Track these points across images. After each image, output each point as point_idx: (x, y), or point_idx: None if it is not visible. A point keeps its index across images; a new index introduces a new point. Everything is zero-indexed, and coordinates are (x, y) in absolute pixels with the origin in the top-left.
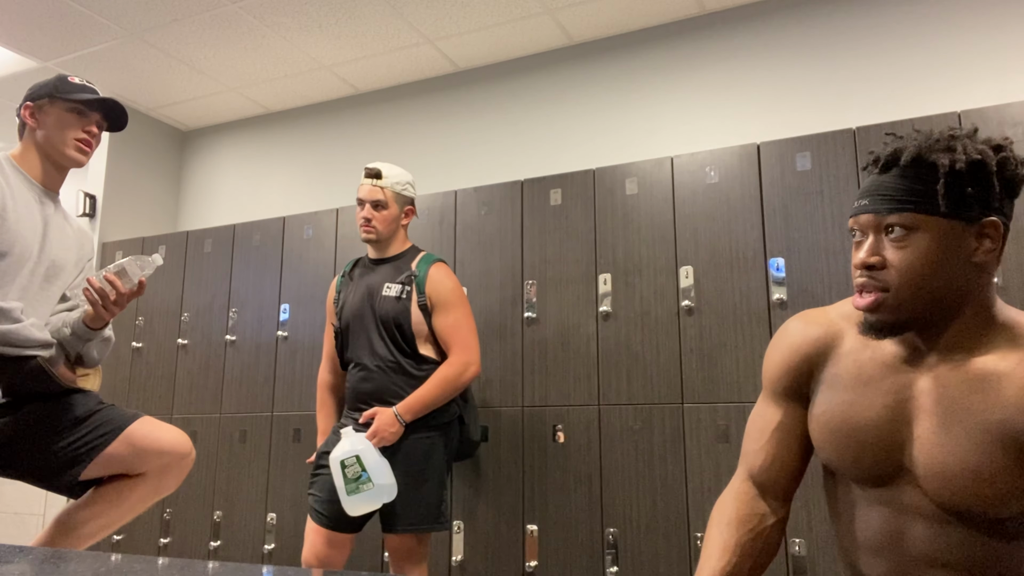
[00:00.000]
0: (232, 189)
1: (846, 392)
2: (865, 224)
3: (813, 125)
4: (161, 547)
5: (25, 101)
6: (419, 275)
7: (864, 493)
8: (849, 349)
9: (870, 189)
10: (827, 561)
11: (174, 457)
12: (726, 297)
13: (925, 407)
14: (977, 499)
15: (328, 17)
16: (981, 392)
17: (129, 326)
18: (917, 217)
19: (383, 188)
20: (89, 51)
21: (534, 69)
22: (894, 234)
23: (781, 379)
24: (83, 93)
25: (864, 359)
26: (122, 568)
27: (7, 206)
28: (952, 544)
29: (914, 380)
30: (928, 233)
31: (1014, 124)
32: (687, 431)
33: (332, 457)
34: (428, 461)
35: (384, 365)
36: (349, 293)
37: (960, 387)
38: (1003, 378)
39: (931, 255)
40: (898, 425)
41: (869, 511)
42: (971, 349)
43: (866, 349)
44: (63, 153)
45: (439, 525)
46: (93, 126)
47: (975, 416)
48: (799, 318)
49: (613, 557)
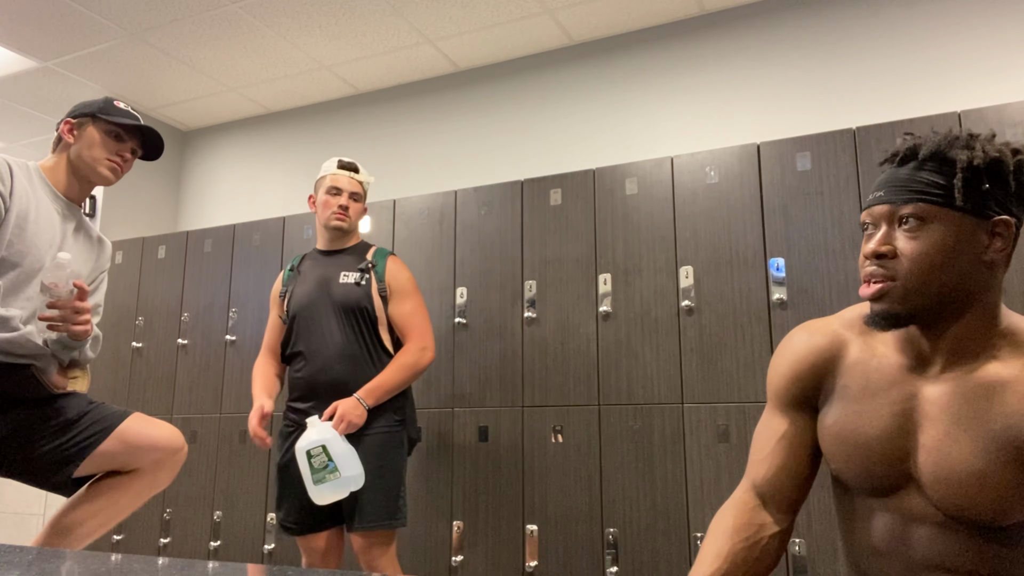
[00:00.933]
0: (232, 189)
1: (855, 403)
2: (879, 215)
3: (813, 125)
4: (161, 547)
5: (67, 116)
6: (377, 264)
7: (871, 500)
8: (855, 360)
9: (885, 181)
10: (827, 561)
11: (166, 452)
12: (726, 297)
13: (931, 415)
14: (981, 506)
15: (328, 17)
16: (985, 400)
17: (129, 326)
18: (932, 208)
19: (360, 182)
20: (89, 51)
21: (534, 69)
22: (908, 224)
23: (788, 389)
24: (125, 118)
25: (871, 369)
26: (122, 568)
27: (29, 216)
28: (956, 549)
29: (920, 389)
30: (942, 225)
31: (1014, 124)
32: (687, 431)
33: (298, 447)
34: (385, 457)
35: (343, 354)
36: (297, 285)
37: (964, 395)
38: (1007, 386)
39: (943, 247)
40: (905, 434)
41: (875, 517)
42: (975, 356)
43: (872, 359)
44: (95, 170)
45: (396, 521)
46: (128, 152)
47: (979, 424)
48: (803, 329)
49: (613, 557)
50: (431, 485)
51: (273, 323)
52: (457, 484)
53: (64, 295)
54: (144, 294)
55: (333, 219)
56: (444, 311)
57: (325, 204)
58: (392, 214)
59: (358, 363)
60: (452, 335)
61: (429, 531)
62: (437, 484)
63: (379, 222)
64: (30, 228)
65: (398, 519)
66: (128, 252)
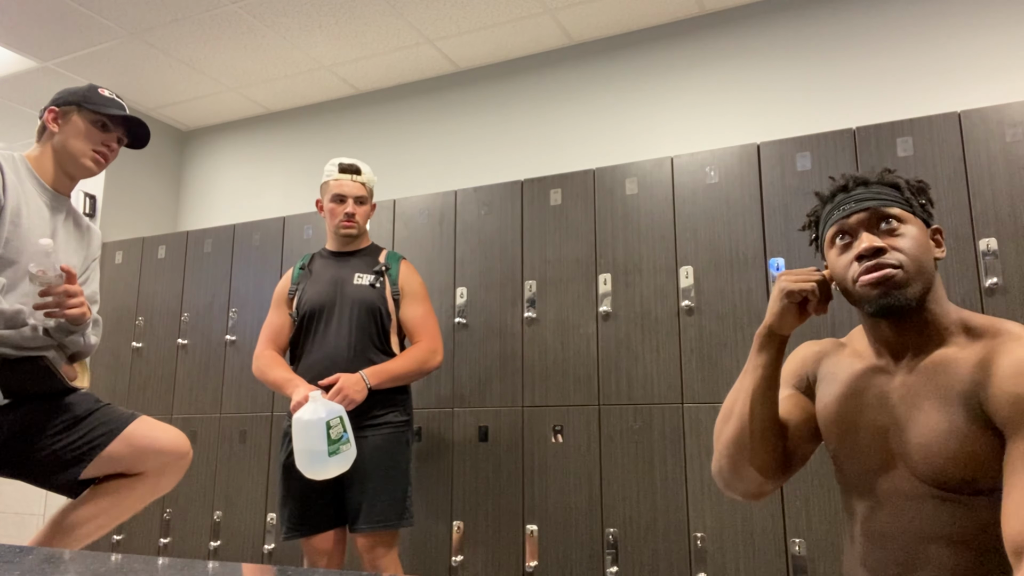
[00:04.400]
0: (232, 189)
1: (840, 387)
2: (856, 223)
3: (813, 125)
4: (161, 547)
5: (51, 104)
6: (391, 268)
7: (866, 482)
8: (842, 357)
9: (851, 198)
10: (827, 561)
11: (172, 457)
12: (726, 297)
13: (903, 396)
14: (957, 468)
15: (328, 17)
16: (944, 374)
17: (129, 326)
18: (904, 212)
19: (364, 184)
20: (89, 51)
21: (534, 69)
22: (890, 225)
23: (795, 373)
24: (110, 107)
25: (856, 366)
26: (122, 568)
27: (21, 212)
28: (944, 520)
29: (893, 377)
30: (913, 226)
31: (1014, 124)
32: (687, 431)
33: (310, 420)
34: (394, 457)
35: (352, 353)
36: (308, 284)
37: (927, 373)
38: (960, 362)
39: (921, 242)
40: (882, 415)
41: (872, 504)
42: (937, 345)
43: (857, 360)
44: (79, 162)
45: (404, 521)
46: (114, 141)
47: (941, 393)
48: (804, 344)
49: (613, 557)
50: (431, 485)
51: (275, 320)
52: (457, 484)
53: (53, 280)
54: (144, 294)
55: (341, 228)
56: (444, 311)
57: (332, 212)
58: (392, 214)
59: (366, 363)
60: (452, 335)
61: (429, 531)
62: (437, 484)
63: (379, 222)
64: (24, 224)
65: (405, 519)
66: (128, 252)
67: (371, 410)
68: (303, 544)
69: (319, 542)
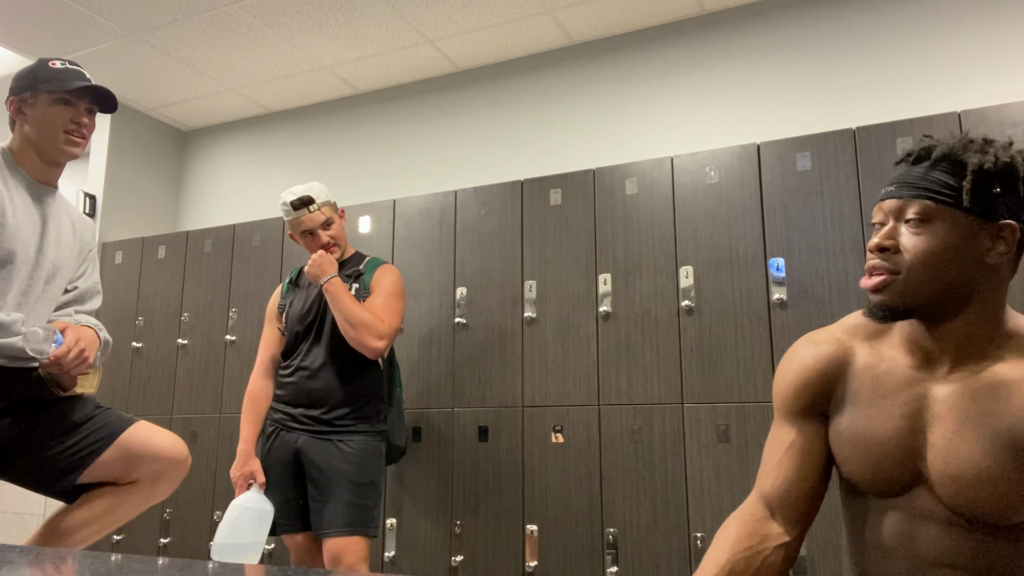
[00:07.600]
0: (232, 189)
1: (866, 407)
2: (888, 210)
3: (813, 125)
4: (161, 547)
5: (9, 95)
6: (364, 273)
7: (881, 501)
8: (864, 365)
9: (897, 179)
10: (827, 561)
11: (170, 463)
12: (726, 297)
13: (939, 415)
14: (988, 503)
15: (328, 17)
16: (992, 400)
17: (129, 326)
18: (938, 207)
19: (320, 209)
20: (89, 51)
21: (534, 69)
22: (912, 220)
23: (798, 398)
24: (66, 80)
25: (880, 373)
26: (122, 568)
27: (6, 211)
28: (961, 547)
29: (928, 389)
30: (946, 224)
31: (1014, 124)
32: (687, 431)
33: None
34: (364, 465)
35: (334, 364)
36: (295, 298)
37: (972, 395)
38: (1012, 386)
39: (946, 245)
40: (915, 434)
41: (885, 517)
42: (981, 356)
43: (881, 363)
44: (55, 147)
45: (361, 528)
46: (83, 115)
47: (986, 422)
48: (807, 340)
49: (613, 557)
50: (431, 485)
51: (268, 336)
52: (457, 484)
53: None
54: (144, 294)
55: None
56: (444, 311)
57: (308, 247)
58: (392, 214)
59: (348, 373)
60: (452, 335)
61: (429, 531)
62: (437, 484)
63: (379, 222)
64: (10, 223)
65: (365, 527)
66: (128, 252)
67: (345, 417)
68: (285, 540)
69: (292, 540)
